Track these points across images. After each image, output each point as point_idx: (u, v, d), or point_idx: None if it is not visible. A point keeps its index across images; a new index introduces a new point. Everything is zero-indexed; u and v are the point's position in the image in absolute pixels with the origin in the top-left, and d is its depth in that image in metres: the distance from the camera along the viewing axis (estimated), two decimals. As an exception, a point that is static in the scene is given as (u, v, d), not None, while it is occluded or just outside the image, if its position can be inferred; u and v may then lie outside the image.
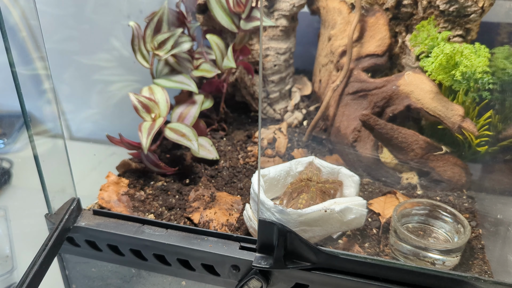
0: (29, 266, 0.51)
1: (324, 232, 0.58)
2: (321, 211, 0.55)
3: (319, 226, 0.56)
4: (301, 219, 0.54)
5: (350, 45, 0.76)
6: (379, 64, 0.78)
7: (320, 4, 0.87)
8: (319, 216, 0.55)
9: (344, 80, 0.78)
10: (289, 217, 0.54)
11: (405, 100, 0.71)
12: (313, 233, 0.56)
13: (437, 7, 0.72)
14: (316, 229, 0.56)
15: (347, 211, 0.57)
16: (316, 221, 0.55)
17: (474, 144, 0.68)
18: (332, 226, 0.57)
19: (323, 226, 0.56)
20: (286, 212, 0.53)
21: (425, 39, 0.71)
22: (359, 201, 0.59)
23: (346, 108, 0.78)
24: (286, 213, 0.54)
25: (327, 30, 0.86)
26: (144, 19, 0.77)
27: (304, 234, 0.55)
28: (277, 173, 0.65)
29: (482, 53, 0.67)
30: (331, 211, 0.55)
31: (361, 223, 0.59)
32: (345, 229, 0.59)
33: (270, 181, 0.65)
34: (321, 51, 0.89)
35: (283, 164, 0.67)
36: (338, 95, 0.79)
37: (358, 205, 0.58)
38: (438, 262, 0.55)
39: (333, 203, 0.57)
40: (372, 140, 0.74)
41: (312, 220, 0.55)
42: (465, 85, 0.67)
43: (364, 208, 0.59)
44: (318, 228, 0.56)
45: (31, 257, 0.52)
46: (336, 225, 0.57)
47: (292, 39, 0.88)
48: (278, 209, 0.54)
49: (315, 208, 0.55)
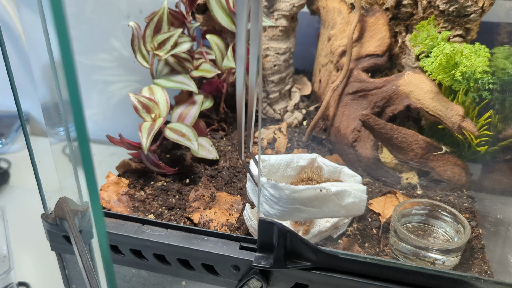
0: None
1: (321, 215, 0.55)
2: (316, 190, 0.53)
3: (316, 207, 0.54)
4: (295, 195, 0.52)
5: (350, 45, 0.76)
6: (379, 64, 0.78)
7: (320, 4, 0.87)
8: (314, 195, 0.53)
9: (344, 80, 0.78)
10: (282, 192, 0.52)
11: (405, 100, 0.71)
12: (309, 214, 0.54)
13: (437, 7, 0.72)
14: (312, 210, 0.54)
15: (345, 194, 0.55)
16: (312, 201, 0.54)
17: (474, 144, 0.68)
18: (329, 210, 0.55)
19: (319, 208, 0.54)
20: (279, 187, 0.52)
21: (425, 39, 0.71)
22: (358, 186, 0.58)
23: (346, 108, 0.78)
24: (279, 188, 0.52)
25: (327, 30, 0.86)
26: (144, 19, 0.77)
27: (300, 214, 0.54)
28: (278, 161, 0.64)
29: (482, 53, 0.67)
30: (327, 191, 0.53)
31: (361, 209, 0.58)
32: (344, 214, 0.57)
33: (269, 167, 0.64)
34: (321, 51, 0.89)
35: (285, 155, 0.66)
36: (338, 95, 0.79)
37: (357, 190, 0.57)
38: (438, 262, 0.55)
39: (330, 185, 0.56)
40: (372, 140, 0.74)
41: (307, 199, 0.53)
42: (465, 85, 0.67)
43: (364, 194, 0.57)
44: (315, 209, 0.54)
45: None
46: (334, 209, 0.55)
47: (292, 39, 0.88)
48: (271, 184, 0.52)
49: (310, 186, 0.53)
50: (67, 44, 0.24)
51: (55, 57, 0.50)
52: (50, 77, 0.52)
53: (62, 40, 0.24)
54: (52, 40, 0.45)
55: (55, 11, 0.24)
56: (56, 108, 0.54)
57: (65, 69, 0.25)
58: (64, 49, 0.24)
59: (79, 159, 0.27)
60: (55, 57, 0.50)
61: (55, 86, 0.52)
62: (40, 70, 0.53)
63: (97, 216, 0.30)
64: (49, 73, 0.51)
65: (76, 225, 0.54)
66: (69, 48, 0.24)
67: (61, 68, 0.25)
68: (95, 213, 0.30)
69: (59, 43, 0.24)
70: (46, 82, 0.53)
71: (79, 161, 0.53)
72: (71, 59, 0.24)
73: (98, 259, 0.52)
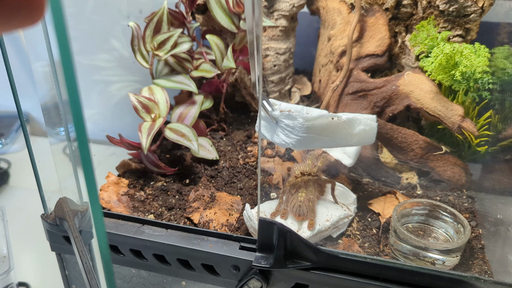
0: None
1: (335, 144, 0.58)
2: (328, 118, 0.56)
3: (329, 136, 0.57)
4: (308, 124, 0.55)
5: (350, 45, 0.76)
6: (379, 64, 0.78)
7: (320, 4, 0.87)
8: (326, 124, 0.56)
9: (344, 80, 0.78)
10: (296, 121, 0.55)
11: (405, 100, 0.71)
12: (323, 143, 0.57)
13: (436, 7, 0.72)
14: (325, 139, 0.57)
15: (355, 121, 0.58)
16: (325, 130, 0.56)
17: (474, 144, 0.68)
18: (342, 139, 0.58)
19: (332, 137, 0.57)
20: (292, 116, 0.55)
21: (425, 39, 0.71)
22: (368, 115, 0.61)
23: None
24: (293, 117, 0.55)
25: (326, 30, 0.86)
26: (144, 20, 0.77)
27: (314, 143, 0.57)
28: (288, 108, 0.66)
29: (482, 53, 0.67)
30: (339, 118, 0.56)
31: (372, 137, 0.60)
32: (356, 142, 0.60)
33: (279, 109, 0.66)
34: (320, 51, 0.89)
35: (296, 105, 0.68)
36: (338, 95, 0.79)
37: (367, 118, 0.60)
38: (438, 262, 0.55)
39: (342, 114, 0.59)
40: (372, 140, 0.74)
41: (320, 128, 0.56)
42: (465, 85, 0.67)
43: (374, 122, 0.60)
44: (328, 138, 0.57)
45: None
46: (347, 137, 0.58)
47: (292, 39, 0.88)
48: (285, 115, 0.55)
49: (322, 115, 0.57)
50: (66, 44, 0.24)
51: (55, 57, 0.50)
52: (50, 77, 0.52)
53: (61, 41, 0.24)
54: (52, 40, 0.45)
55: (54, 12, 0.23)
56: (56, 108, 0.54)
57: (64, 69, 0.25)
58: (63, 50, 0.24)
59: (78, 159, 0.27)
60: (54, 57, 0.50)
61: (55, 86, 0.52)
62: (40, 70, 0.53)
63: (96, 216, 0.30)
64: (49, 73, 0.51)
65: (76, 225, 0.54)
66: (68, 49, 0.24)
67: (60, 68, 0.25)
68: (94, 213, 0.30)
69: (58, 44, 0.24)
70: (46, 82, 0.53)
71: (78, 161, 0.53)
72: (70, 60, 0.24)
73: (98, 259, 0.53)
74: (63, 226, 0.57)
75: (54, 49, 0.49)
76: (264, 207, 0.63)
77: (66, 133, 0.55)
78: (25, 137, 0.57)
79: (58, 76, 0.51)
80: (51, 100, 0.54)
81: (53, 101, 0.54)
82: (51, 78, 0.51)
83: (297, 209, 0.59)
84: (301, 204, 0.59)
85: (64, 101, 0.52)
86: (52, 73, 0.51)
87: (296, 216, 0.59)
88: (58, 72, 0.51)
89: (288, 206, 0.60)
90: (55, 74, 0.51)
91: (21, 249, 0.82)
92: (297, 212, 0.59)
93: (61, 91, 0.52)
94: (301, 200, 0.59)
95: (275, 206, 0.62)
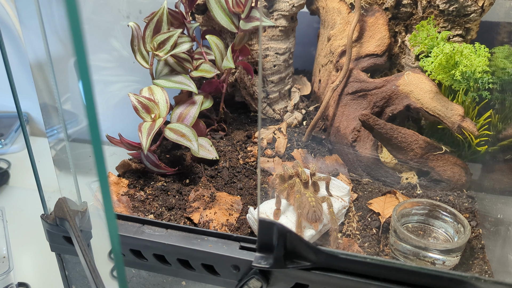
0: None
1: None
2: None
3: None
4: None
5: (350, 45, 0.76)
6: (379, 64, 0.78)
7: (320, 4, 0.87)
8: None
9: (343, 80, 0.78)
10: None
11: (404, 100, 0.71)
12: None
13: (436, 7, 0.72)
14: None
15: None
16: None
17: (474, 144, 0.68)
18: None
19: None
20: None
21: (425, 38, 0.71)
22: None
23: (346, 108, 0.77)
24: None
25: (326, 30, 0.86)
26: (144, 20, 0.77)
27: None
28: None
29: (482, 53, 0.67)
30: None
31: None
32: None
33: None
34: (320, 51, 0.89)
35: None
36: (338, 95, 0.79)
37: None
38: (438, 262, 0.55)
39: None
40: (372, 140, 0.74)
41: None
42: (465, 84, 0.67)
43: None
44: None
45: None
46: None
47: (292, 39, 0.88)
48: None
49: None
50: (82, 47, 0.24)
51: (54, 57, 0.50)
52: (49, 77, 0.52)
53: (77, 44, 0.24)
54: (67, 42, 0.45)
55: (71, 14, 0.24)
56: (55, 108, 0.54)
57: (80, 70, 0.25)
58: (79, 51, 0.24)
59: (93, 161, 0.27)
60: (53, 57, 0.50)
61: (54, 86, 0.52)
62: (39, 70, 0.53)
63: (109, 216, 0.29)
64: (48, 73, 0.51)
65: (77, 225, 0.54)
66: (84, 51, 0.24)
67: (76, 69, 0.25)
68: (107, 212, 0.29)
69: (74, 46, 0.24)
70: (45, 82, 0.53)
71: (78, 161, 0.53)
72: (85, 61, 0.25)
73: (98, 259, 0.52)
74: (64, 226, 0.57)
75: (52, 48, 0.49)
76: (264, 207, 0.63)
77: (65, 133, 0.55)
78: (25, 137, 0.57)
79: (72, 77, 0.51)
80: (50, 100, 0.54)
81: (52, 101, 0.54)
82: (50, 78, 0.51)
83: (312, 215, 0.58)
84: (315, 210, 0.58)
85: (63, 102, 0.52)
86: (51, 72, 0.51)
87: (313, 223, 0.59)
88: (57, 72, 0.51)
89: (297, 210, 0.59)
90: (54, 74, 0.51)
91: (21, 250, 0.82)
92: (313, 218, 0.58)
93: (60, 90, 0.52)
94: (313, 205, 0.58)
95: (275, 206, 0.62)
